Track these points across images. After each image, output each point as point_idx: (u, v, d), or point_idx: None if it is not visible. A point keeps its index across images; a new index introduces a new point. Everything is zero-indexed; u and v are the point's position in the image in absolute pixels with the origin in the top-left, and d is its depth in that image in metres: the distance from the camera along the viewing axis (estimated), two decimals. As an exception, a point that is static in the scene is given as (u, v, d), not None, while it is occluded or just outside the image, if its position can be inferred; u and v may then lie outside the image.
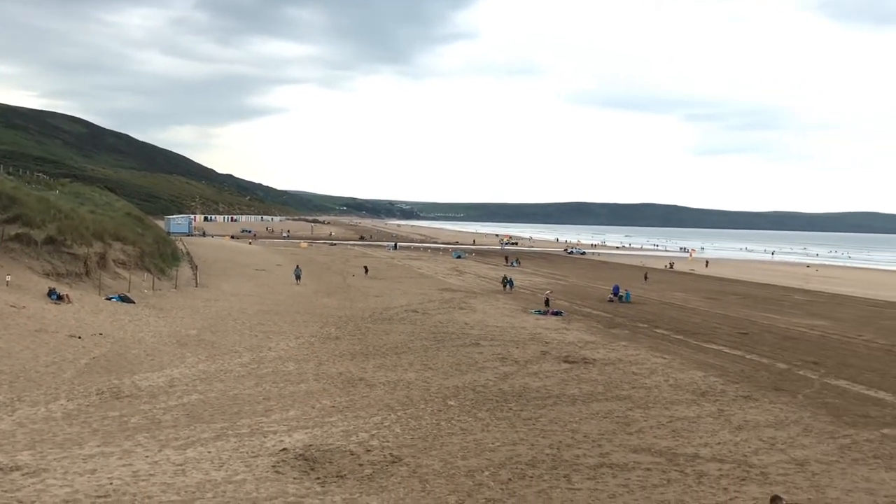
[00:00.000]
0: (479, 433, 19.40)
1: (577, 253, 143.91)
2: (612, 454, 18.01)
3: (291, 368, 26.58)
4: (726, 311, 51.70)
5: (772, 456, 18.32)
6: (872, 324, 48.11)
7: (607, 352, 32.64)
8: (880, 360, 33.72)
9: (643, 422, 21.14)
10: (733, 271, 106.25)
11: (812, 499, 15.45)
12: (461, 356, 30.18)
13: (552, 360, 30.20)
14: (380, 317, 40.95)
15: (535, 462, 17.20)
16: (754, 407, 23.43)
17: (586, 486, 15.75)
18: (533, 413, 21.67)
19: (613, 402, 23.44)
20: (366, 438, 18.54)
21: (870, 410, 23.65)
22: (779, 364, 31.38)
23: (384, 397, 22.94)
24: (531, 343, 34.05)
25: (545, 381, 25.99)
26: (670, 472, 16.78)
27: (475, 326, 38.55)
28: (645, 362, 30.48)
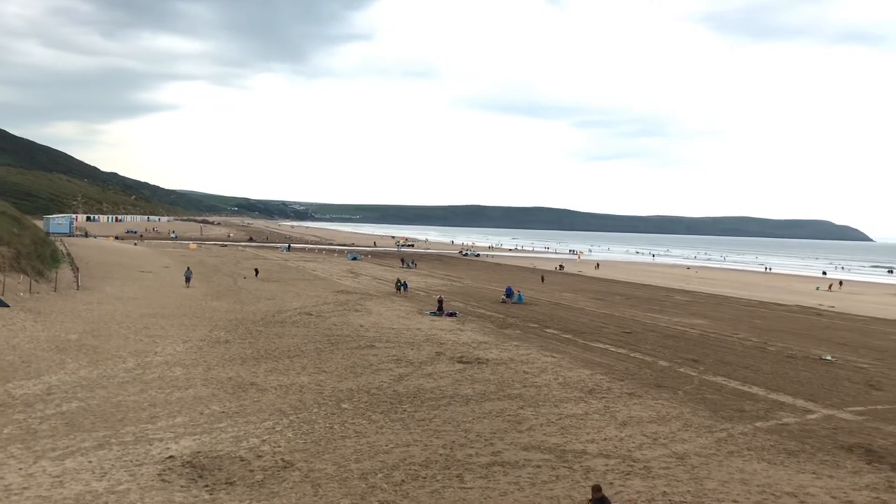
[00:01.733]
0: (372, 436, 19.37)
1: (472, 255, 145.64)
2: (503, 452, 18.36)
3: (179, 373, 25.77)
4: (612, 311, 53.52)
5: (654, 450, 19.12)
6: (746, 322, 50.88)
7: (500, 352, 33.21)
8: (754, 357, 35.70)
9: (534, 420, 21.64)
10: (619, 273, 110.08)
11: (691, 491, 16.21)
12: (356, 359, 30.04)
13: (446, 360, 30.48)
14: (272, 320, 40.23)
15: (428, 462, 17.33)
16: (638, 403, 24.38)
17: (478, 484, 16.00)
18: (427, 414, 21.82)
19: (505, 401, 23.88)
20: (257, 444, 18.20)
21: (744, 405, 25.01)
22: (661, 362, 32.76)
23: (276, 402, 22.56)
24: (426, 344, 34.25)
25: (439, 382, 26.21)
26: (559, 469, 17.26)
27: (370, 328, 38.44)
28: (535, 361, 31.19)
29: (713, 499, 15.74)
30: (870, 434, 21.82)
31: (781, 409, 24.69)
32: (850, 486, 16.97)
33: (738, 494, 16.07)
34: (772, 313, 59.42)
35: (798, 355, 36.59)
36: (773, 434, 21.31)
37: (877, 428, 22.60)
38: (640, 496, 15.66)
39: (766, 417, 23.36)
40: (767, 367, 32.84)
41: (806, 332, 46.67)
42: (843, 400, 26.51)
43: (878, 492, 16.68)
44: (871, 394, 27.94)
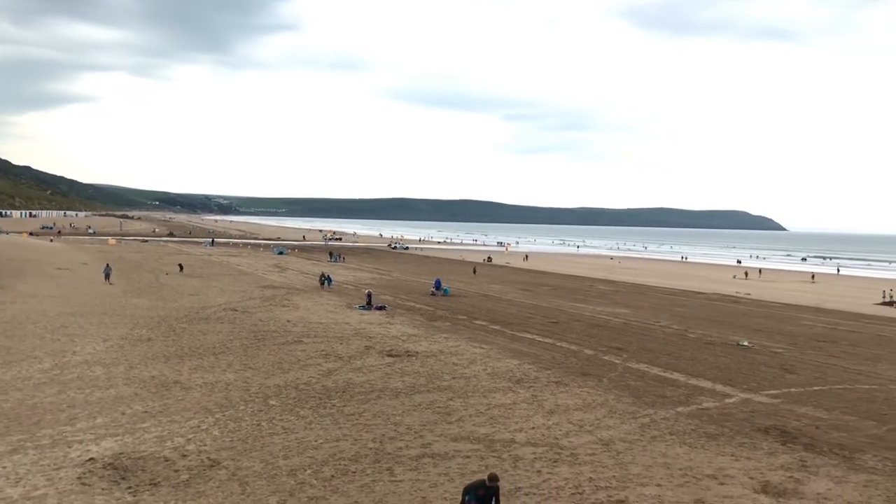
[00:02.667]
0: (301, 431, 19.19)
1: (401, 248, 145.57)
2: (433, 444, 18.44)
3: (99, 373, 24.98)
4: (539, 302, 54.28)
5: (581, 437, 19.51)
6: (668, 311, 52.33)
7: (429, 344, 33.31)
8: (675, 343, 36.77)
9: (463, 411, 21.79)
10: (546, 264, 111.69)
11: (617, 476, 16.59)
12: (283, 354, 29.68)
13: (376, 354, 30.40)
14: (196, 316, 39.37)
15: (358, 457, 17.28)
16: (564, 392, 24.82)
17: (408, 477, 16.04)
18: (356, 408, 21.73)
19: (435, 392, 23.98)
20: (182, 443, 17.81)
21: (666, 391, 25.74)
22: (586, 350, 33.42)
23: (201, 400, 22.11)
24: (355, 338, 34.08)
25: (369, 376, 26.13)
26: (488, 458, 17.44)
27: (298, 323, 38.02)
28: (465, 353, 31.40)
29: (637, 483, 16.15)
30: (784, 416, 22.74)
31: (701, 393, 25.51)
32: (766, 467, 17.65)
33: (661, 478, 16.54)
34: (692, 301, 61.26)
35: (717, 341, 37.84)
36: (693, 418, 22.00)
37: (791, 410, 23.57)
38: (567, 483, 15.96)
39: (686, 402, 24.10)
40: (688, 353, 33.87)
41: (724, 319, 48.28)
42: (760, 384, 27.55)
43: (791, 471, 17.40)
44: (786, 377, 29.10)
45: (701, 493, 15.72)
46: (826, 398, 25.49)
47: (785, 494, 15.81)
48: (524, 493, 15.30)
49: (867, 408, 24.24)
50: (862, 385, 28.06)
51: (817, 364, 32.31)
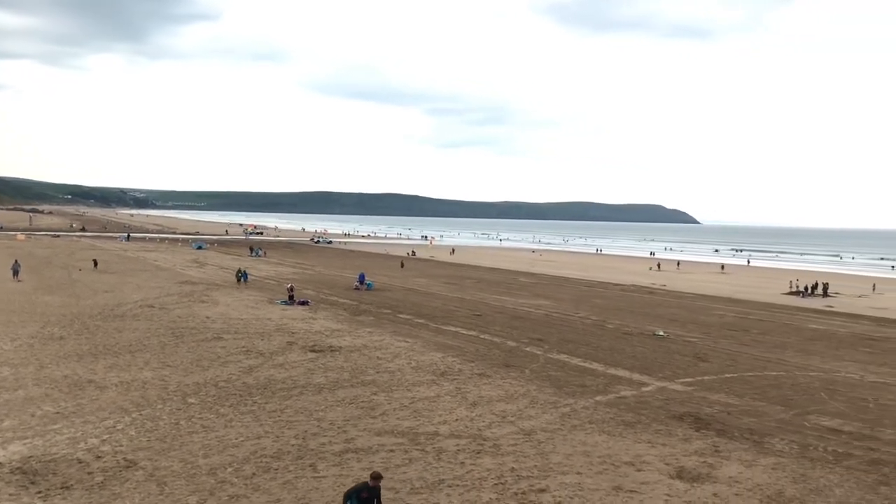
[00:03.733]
0: (221, 429, 18.84)
1: (324, 242, 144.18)
2: (357, 439, 18.38)
3: (6, 374, 23.94)
4: (463, 295, 54.65)
5: (503, 428, 19.76)
6: (587, 302, 53.44)
7: (353, 339, 33.14)
8: (594, 334, 37.59)
9: (387, 405, 21.79)
10: (470, 257, 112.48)
11: (538, 465, 16.89)
12: (202, 351, 29.05)
13: (298, 350, 30.07)
14: (111, 314, 38.13)
15: (280, 454, 17.08)
16: (488, 383, 25.10)
17: (332, 472, 15.95)
18: (279, 405, 21.45)
19: (359, 387, 23.89)
20: (96, 444, 17.25)
21: (585, 380, 26.31)
22: (509, 342, 33.84)
23: (117, 399, 21.45)
24: (277, 334, 33.62)
25: (291, 372, 25.83)
26: (412, 452, 17.50)
27: (217, 320, 37.26)
28: (389, 347, 31.37)
29: (558, 472, 16.48)
30: (698, 403, 23.55)
31: (619, 383, 26.17)
32: (681, 453, 18.26)
33: (581, 466, 16.92)
34: (610, 293, 62.70)
35: (634, 332, 38.87)
36: (612, 407, 22.56)
37: (704, 397, 24.42)
38: (489, 473, 16.15)
39: (605, 391, 24.69)
40: (606, 343, 34.68)
41: (641, 310, 49.61)
42: (675, 372, 28.44)
43: (705, 456, 18.05)
44: (699, 365, 30.12)
45: (619, 479, 16.15)
46: (737, 385, 26.50)
47: (699, 479, 16.38)
48: (447, 485, 15.42)
49: (775, 393, 25.31)
50: (770, 372, 29.28)
51: (729, 352, 33.55)
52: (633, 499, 15.09)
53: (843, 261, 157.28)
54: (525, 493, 15.16)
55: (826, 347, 36.21)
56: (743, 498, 15.32)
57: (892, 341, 39.37)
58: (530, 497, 14.94)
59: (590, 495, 15.17)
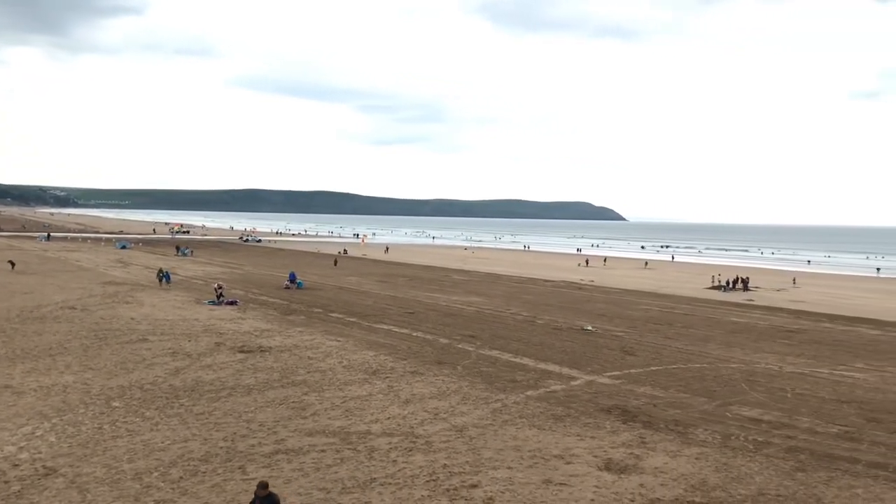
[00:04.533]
0: (147, 433, 18.37)
1: (254, 241, 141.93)
2: (287, 440, 18.18)
3: (-85, 381, 22.83)
4: (396, 293, 54.56)
5: (435, 425, 19.83)
6: (518, 298, 54.01)
7: (283, 338, 32.74)
8: (525, 330, 38.03)
9: (318, 405, 21.61)
10: (403, 255, 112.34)
11: (470, 461, 17.01)
12: (127, 354, 28.27)
13: (227, 350, 29.54)
14: (30, 316, 36.74)
15: (208, 457, 16.76)
16: (420, 381, 25.14)
17: (262, 474, 15.70)
18: (206, 407, 21.05)
19: (289, 388, 23.62)
20: (13, 452, 16.61)
21: (516, 375, 26.61)
22: (441, 339, 33.96)
23: (36, 405, 20.69)
24: (205, 335, 32.96)
25: (219, 373, 25.37)
26: (344, 451, 17.40)
27: (143, 321, 36.30)
28: (320, 346, 31.11)
29: (490, 467, 16.63)
30: (625, 396, 24.08)
31: (549, 377, 26.56)
32: (608, 445, 18.65)
33: (511, 461, 17.11)
34: (540, 289, 63.52)
35: (563, 327, 39.48)
36: (542, 401, 22.88)
37: (631, 390, 24.99)
38: (422, 471, 16.20)
39: (535, 386, 25.02)
40: (537, 339, 35.14)
41: (570, 306, 50.41)
42: (603, 366, 29.01)
43: (632, 447, 18.48)
44: (626, 359, 30.80)
45: (549, 473, 16.40)
46: (662, 377, 27.21)
47: (626, 470, 16.77)
48: (380, 483, 15.40)
49: (699, 385, 26.08)
50: (694, 364, 30.14)
51: (654, 346, 34.40)
52: (563, 491, 15.34)
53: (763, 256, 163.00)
54: (457, 489, 15.26)
55: (747, 340, 37.47)
56: (668, 488, 15.74)
57: (808, 333, 41.00)
58: (462, 493, 15.04)
59: (520, 489, 15.36)
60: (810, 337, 39.45)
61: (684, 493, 15.42)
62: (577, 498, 15.02)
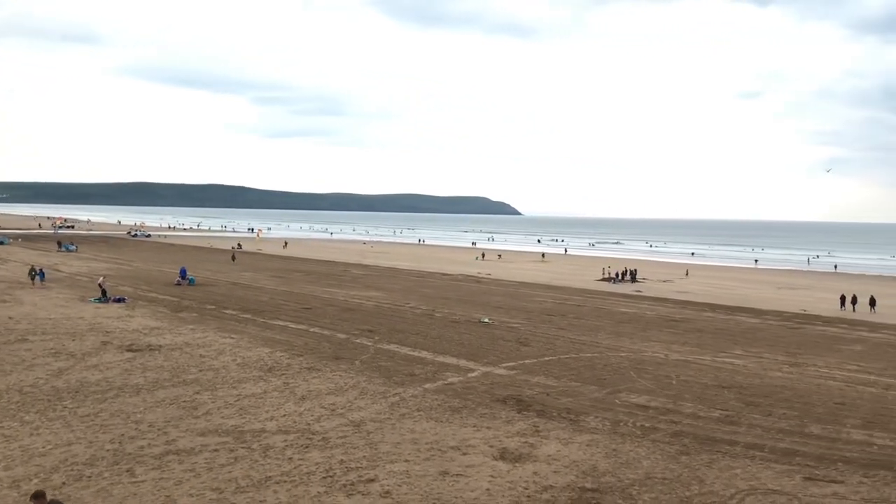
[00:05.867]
0: (26, 438, 17.46)
1: (143, 235, 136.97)
2: (178, 440, 17.66)
3: None
4: (292, 289, 53.78)
5: (332, 421, 19.71)
6: (416, 292, 54.24)
7: (174, 336, 31.76)
8: (423, 323, 38.24)
9: (211, 404, 21.09)
10: (299, 250, 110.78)
11: (367, 456, 17.00)
12: (4, 355, 26.77)
13: (114, 349, 28.42)
14: None
15: (93, 460, 16.09)
16: (317, 377, 24.91)
17: (151, 476, 15.24)
18: (92, 408, 20.20)
19: (181, 387, 22.95)
20: None
21: (414, 369, 26.75)
22: (339, 334, 33.73)
23: None
24: (90, 334, 31.59)
25: (106, 374, 24.38)
26: (238, 450, 17.06)
27: (22, 320, 34.44)
28: (213, 344, 30.35)
29: (387, 461, 16.67)
30: (520, 386, 24.60)
31: (447, 370, 26.83)
32: (504, 435, 19.02)
33: (409, 454, 17.21)
34: (438, 282, 63.99)
35: (461, 320, 39.93)
36: (440, 394, 23.10)
37: (525, 380, 25.55)
38: (318, 467, 16.07)
39: (433, 379, 25.23)
40: (435, 332, 35.41)
41: (468, 299, 51.02)
42: (499, 357, 29.53)
43: (526, 436, 18.91)
44: (521, 350, 31.45)
45: (446, 464, 16.59)
46: (555, 367, 27.94)
47: (520, 459, 17.15)
48: (275, 481, 15.18)
49: (590, 374, 26.92)
50: (586, 353, 31.08)
51: (548, 336, 35.27)
52: (459, 482, 15.55)
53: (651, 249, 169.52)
54: (354, 483, 15.23)
55: (635, 329, 38.92)
56: (560, 475, 16.20)
57: (691, 322, 42.96)
58: (359, 487, 15.03)
59: (417, 482, 15.47)
60: (694, 326, 41.34)
61: (576, 480, 15.91)
62: (472, 488, 15.25)
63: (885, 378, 28.21)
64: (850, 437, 19.95)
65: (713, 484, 15.95)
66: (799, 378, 27.67)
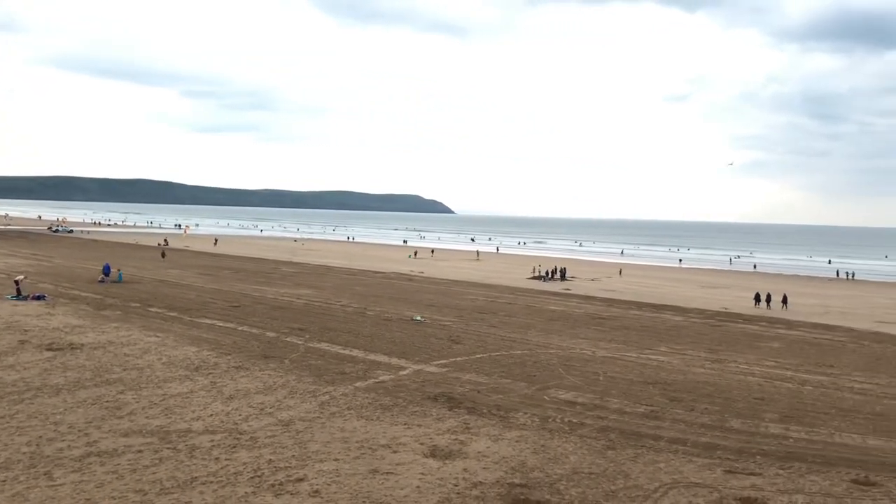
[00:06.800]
0: (-64, 442, 16.72)
1: (64, 231, 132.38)
2: (100, 442, 17.16)
3: None
4: (220, 286, 52.80)
5: (261, 420, 19.45)
6: (348, 290, 53.91)
7: (97, 335, 30.82)
8: (355, 322, 38.04)
9: (135, 404, 20.56)
10: (228, 247, 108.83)
11: (296, 455, 16.83)
12: (-88, 355, 25.55)
13: (33, 349, 27.41)
14: None
15: (8, 464, 15.50)
16: (245, 376, 24.53)
17: (70, 479, 14.77)
18: (8, 410, 19.44)
19: (103, 387, 22.30)
20: None
21: (345, 368, 26.60)
22: (268, 333, 33.28)
23: None
24: (6, 332, 30.38)
25: (23, 374, 23.50)
26: (162, 451, 16.68)
27: (-69, 319, 32.92)
28: (138, 342, 29.57)
29: (316, 460, 16.54)
30: (451, 383, 24.72)
31: (378, 368, 26.77)
32: (434, 432, 19.09)
33: (339, 453, 17.11)
34: (371, 280, 63.74)
35: (393, 318, 39.87)
36: (370, 392, 23.03)
37: (457, 377, 25.69)
38: (246, 467, 15.83)
39: (364, 377, 25.14)
40: (367, 330, 35.27)
41: (400, 297, 50.97)
42: (431, 355, 29.61)
43: (457, 434, 19.02)
44: (453, 347, 31.60)
45: (376, 462, 16.56)
46: (486, 364, 28.17)
47: (451, 456, 17.24)
48: (201, 482, 14.90)
49: (520, 371, 27.24)
50: (516, 351, 31.44)
51: (479, 334, 35.53)
52: (389, 480, 15.54)
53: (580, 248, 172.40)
54: (282, 483, 15.06)
55: (564, 326, 39.55)
56: (490, 471, 16.36)
57: (618, 319, 43.89)
58: (287, 487, 14.87)
59: (347, 480, 15.40)
60: (621, 323, 42.24)
61: (505, 476, 16.09)
62: (402, 486, 15.27)
63: (801, 374, 29.37)
64: (768, 430, 20.72)
65: (638, 478, 16.35)
66: (720, 374, 28.57)
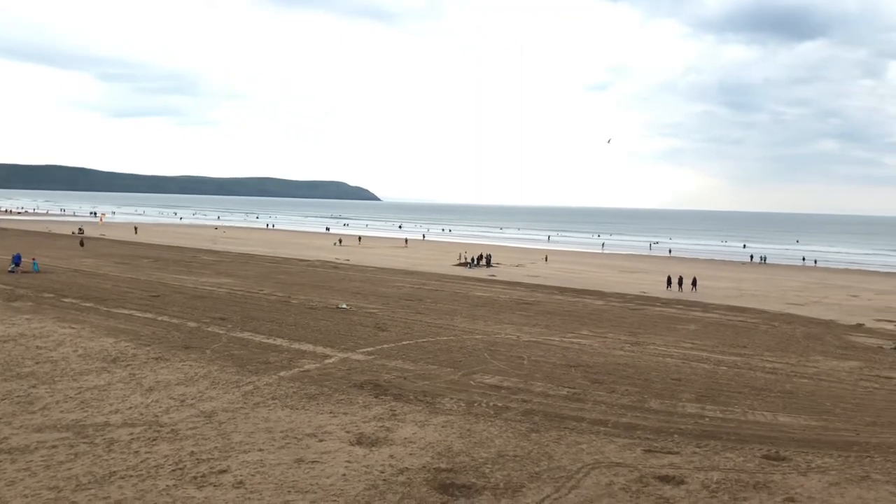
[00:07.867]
0: None
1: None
2: (11, 438, 16.50)
3: None
4: (138, 276, 51.30)
5: (182, 412, 19.03)
6: (272, 278, 53.13)
7: (7, 327, 29.57)
8: (278, 310, 37.53)
9: (49, 398, 19.84)
10: (146, 235, 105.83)
11: (219, 447, 16.53)
12: None
13: (-65, 343, 26.12)
14: None
15: (-88, 464, 14.76)
16: (165, 367, 23.95)
17: (-20, 478, 14.17)
18: None
19: (14, 381, 21.43)
20: None
21: (269, 357, 26.24)
22: (189, 323, 32.54)
23: None
24: None
25: (-75, 369, 22.38)
26: (79, 446, 16.15)
27: None
28: (51, 335, 28.51)
29: (240, 451, 16.29)
30: (377, 371, 24.68)
31: (303, 357, 26.51)
32: (360, 420, 19.04)
33: (263, 443, 16.89)
34: (295, 268, 62.97)
35: (318, 306, 39.51)
36: (295, 381, 22.80)
37: (383, 365, 25.66)
38: (167, 460, 15.48)
39: (289, 366, 24.86)
40: (291, 319, 34.85)
41: (325, 285, 50.53)
42: (357, 343, 29.48)
43: (383, 421, 19.02)
44: (379, 335, 31.54)
45: (301, 452, 16.42)
46: (413, 351, 28.23)
47: (377, 443, 17.24)
48: (120, 476, 14.50)
49: (446, 357, 27.40)
50: (442, 337, 31.59)
51: (406, 321, 35.56)
52: (315, 469, 15.44)
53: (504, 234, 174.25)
54: (205, 475, 14.79)
55: (489, 312, 39.94)
56: (416, 457, 16.43)
57: (541, 305, 44.58)
58: (210, 479, 14.61)
59: (272, 470, 15.23)
60: (544, 308, 42.92)
61: (431, 461, 16.19)
62: (328, 474, 15.19)
63: (716, 355, 30.44)
64: (685, 410, 21.42)
65: (561, 459, 16.68)
66: (640, 356, 29.36)
